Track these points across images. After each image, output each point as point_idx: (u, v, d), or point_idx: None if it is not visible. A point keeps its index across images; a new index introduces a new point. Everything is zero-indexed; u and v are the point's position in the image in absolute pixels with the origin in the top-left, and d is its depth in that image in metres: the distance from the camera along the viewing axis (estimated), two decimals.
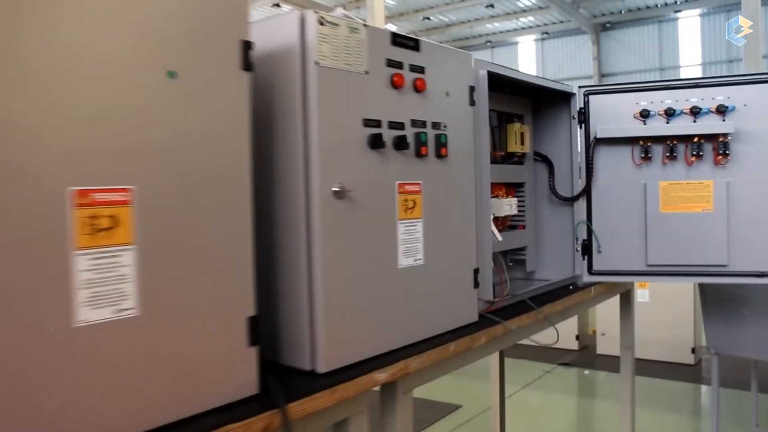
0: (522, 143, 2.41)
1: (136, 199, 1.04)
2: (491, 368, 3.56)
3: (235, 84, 1.19)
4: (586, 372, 5.60)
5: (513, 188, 2.47)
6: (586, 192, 2.44)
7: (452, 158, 1.69)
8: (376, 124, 1.46)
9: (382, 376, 1.41)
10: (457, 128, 1.72)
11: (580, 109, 2.45)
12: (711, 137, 2.30)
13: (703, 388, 5.07)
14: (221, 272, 1.16)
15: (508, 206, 2.29)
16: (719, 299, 2.96)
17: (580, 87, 2.45)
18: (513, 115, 2.43)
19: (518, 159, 2.46)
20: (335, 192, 1.35)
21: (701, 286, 3.03)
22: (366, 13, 10.20)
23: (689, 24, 18.16)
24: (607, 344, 5.79)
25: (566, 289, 2.35)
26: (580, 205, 2.46)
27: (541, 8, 17.81)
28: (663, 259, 2.36)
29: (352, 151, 1.41)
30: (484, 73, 1.88)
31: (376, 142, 1.44)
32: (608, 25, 19.00)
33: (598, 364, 5.72)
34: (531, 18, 18.98)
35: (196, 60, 1.12)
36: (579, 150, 2.47)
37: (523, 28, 20.00)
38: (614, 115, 2.41)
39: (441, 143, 1.64)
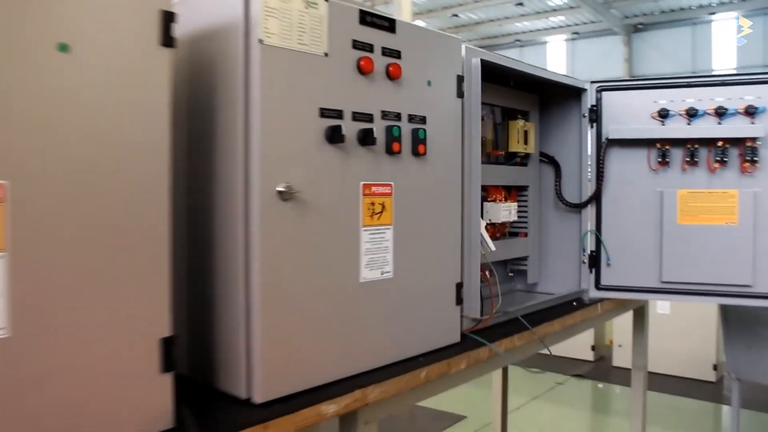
0: (525, 142, 2.19)
1: (9, 196, 0.85)
2: (494, 378, 3.34)
3: (152, 62, 0.99)
4: (601, 385, 5.33)
5: (515, 192, 2.25)
6: (596, 198, 2.21)
7: (433, 156, 1.48)
8: (337, 114, 1.26)
9: (331, 408, 1.21)
10: (440, 122, 1.51)
11: (592, 106, 2.21)
12: (737, 141, 2.05)
13: (724, 408, 4.76)
14: (125, 285, 0.97)
15: (506, 211, 2.07)
16: (742, 322, 2.69)
17: (592, 82, 2.22)
18: (517, 111, 2.21)
19: (521, 160, 2.24)
20: (280, 192, 1.15)
21: (722, 307, 2.77)
22: (393, 10, 9.98)
23: (724, 27, 17.55)
24: (625, 356, 5.48)
25: (569, 306, 2.12)
26: (589, 213, 2.23)
27: (571, 8, 17.38)
28: (679, 276, 2.12)
29: (305, 145, 1.21)
30: (477, 61, 1.67)
31: (334, 136, 1.24)
32: (640, 26, 18.47)
33: (613, 377, 5.44)
34: (561, 17, 18.55)
35: (97, 31, 0.93)
36: (589, 152, 2.24)
37: (553, 28, 19.57)
38: (629, 113, 2.17)
39: (419, 139, 1.43)
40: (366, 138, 1.30)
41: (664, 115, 2.12)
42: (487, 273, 2.03)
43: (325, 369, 1.26)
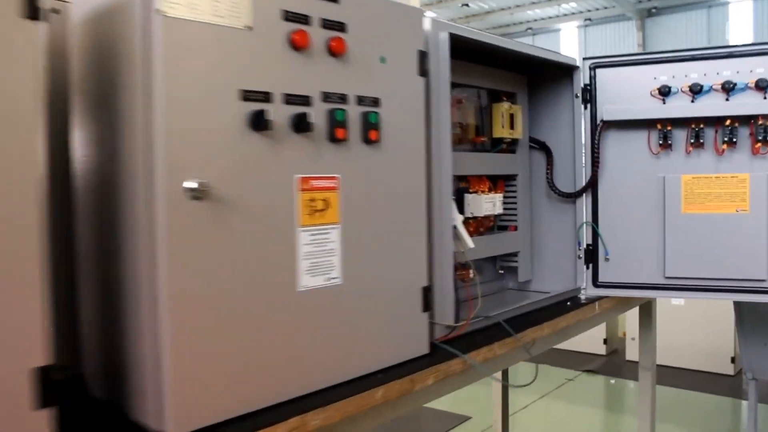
0: (512, 127, 1.99)
1: None
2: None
3: (11, 37, 0.82)
4: (613, 381, 5.11)
5: (501, 182, 2.06)
6: (592, 186, 2.01)
7: (389, 143, 1.30)
8: (263, 97, 1.08)
9: None
10: (398, 105, 1.32)
11: (585, 85, 2.01)
12: (748, 119, 1.84)
13: (743, 403, 4.53)
14: None
15: (489, 204, 1.88)
16: (758, 319, 2.48)
17: (585, 59, 2.02)
18: (502, 93, 2.01)
19: (508, 146, 2.04)
20: (190, 190, 0.98)
21: (737, 303, 2.55)
22: (402, 1, 9.75)
23: (740, 9, 17.02)
24: (638, 350, 5.26)
25: (563, 306, 1.93)
26: (584, 203, 2.03)
27: None
28: (685, 271, 1.92)
29: (222, 134, 1.03)
30: (444, 36, 1.48)
31: (258, 122, 1.06)
32: (654, 10, 18.00)
33: (626, 372, 5.21)
34: (573, 4, 18.15)
35: None
36: (583, 136, 2.04)
37: (566, 15, 19.16)
38: (626, 92, 1.96)
39: (370, 124, 1.25)
40: (301, 124, 1.11)
41: (664, 92, 1.91)
42: (471, 272, 1.86)
43: (257, 393, 1.08)
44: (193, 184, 0.98)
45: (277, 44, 1.10)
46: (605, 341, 5.59)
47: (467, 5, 17.96)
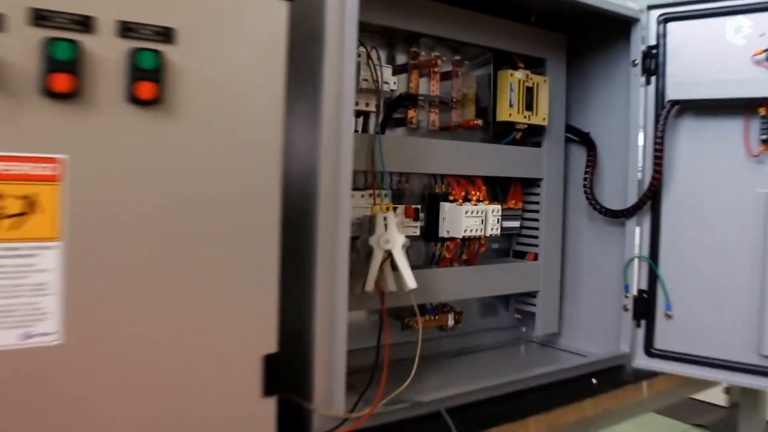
0: (528, 107, 1.35)
1: None
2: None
3: None
4: None
5: (518, 188, 1.43)
6: (651, 202, 1.32)
7: (190, 107, 0.75)
8: None
9: None
10: (220, 44, 0.78)
11: (649, 47, 1.32)
12: None
13: None
14: None
15: (475, 220, 1.26)
16: None
17: (649, 7, 1.33)
18: (518, 57, 1.38)
19: (524, 136, 1.40)
20: None
21: None
22: None
23: None
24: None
25: (582, 385, 1.26)
26: (639, 226, 1.34)
27: None
28: None
29: None
30: None
31: None
32: None
33: None
34: None
35: None
36: (642, 124, 1.35)
37: None
38: (713, 57, 1.25)
39: (141, 71, 0.71)
40: None
41: None
42: (450, 319, 1.29)
43: None
44: None
45: None
46: (727, 390, 4.53)
47: None
